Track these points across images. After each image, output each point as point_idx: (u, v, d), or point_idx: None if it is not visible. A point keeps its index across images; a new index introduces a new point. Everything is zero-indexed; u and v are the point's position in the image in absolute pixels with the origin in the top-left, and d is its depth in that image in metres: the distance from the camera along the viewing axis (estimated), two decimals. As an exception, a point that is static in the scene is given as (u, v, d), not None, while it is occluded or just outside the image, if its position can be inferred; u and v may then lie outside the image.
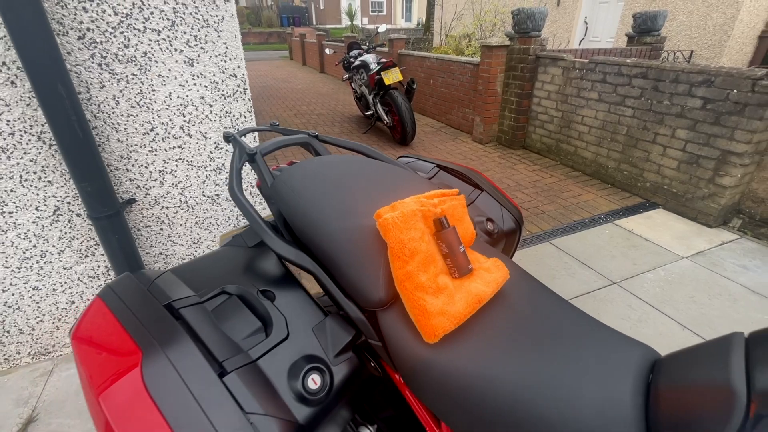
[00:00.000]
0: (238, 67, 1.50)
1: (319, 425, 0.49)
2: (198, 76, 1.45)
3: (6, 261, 1.44)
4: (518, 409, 0.44)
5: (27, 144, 1.32)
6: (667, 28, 6.03)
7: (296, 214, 0.61)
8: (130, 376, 0.42)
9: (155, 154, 1.50)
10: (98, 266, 1.59)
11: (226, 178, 1.64)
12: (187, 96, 1.46)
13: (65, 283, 1.56)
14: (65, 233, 1.49)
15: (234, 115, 1.56)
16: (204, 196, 1.64)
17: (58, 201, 1.43)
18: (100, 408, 0.41)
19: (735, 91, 2.35)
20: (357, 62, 4.79)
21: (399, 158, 1.00)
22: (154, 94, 1.41)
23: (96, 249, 1.56)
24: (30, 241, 1.45)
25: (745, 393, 0.36)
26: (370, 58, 4.61)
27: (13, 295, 1.50)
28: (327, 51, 5.57)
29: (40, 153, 1.35)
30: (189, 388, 0.43)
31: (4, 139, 1.29)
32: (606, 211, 2.87)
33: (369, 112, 4.87)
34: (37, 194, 1.40)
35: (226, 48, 1.45)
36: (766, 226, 2.51)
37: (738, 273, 2.16)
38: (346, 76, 5.33)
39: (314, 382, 0.50)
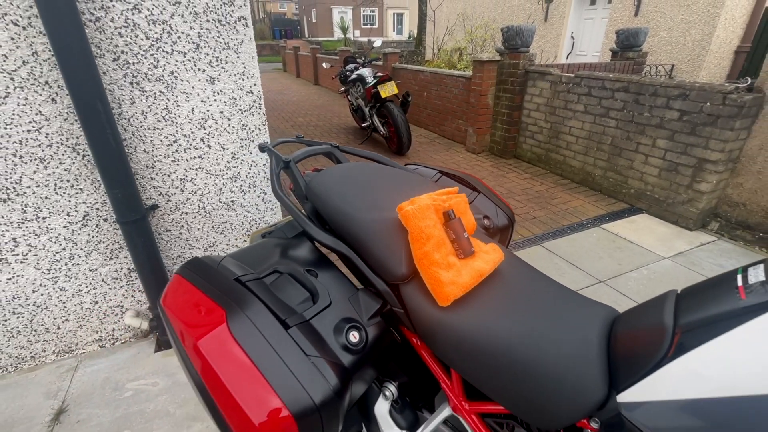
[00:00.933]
0: (255, 84, 1.64)
1: (357, 372, 0.62)
2: (218, 93, 1.58)
3: (38, 263, 1.55)
4: (512, 352, 0.58)
5: (63, 155, 1.44)
6: (649, 43, 6.35)
7: (332, 210, 0.75)
8: (219, 328, 0.55)
9: (177, 164, 1.62)
10: (121, 268, 1.70)
11: (241, 185, 1.77)
12: (208, 111, 1.59)
13: (90, 284, 1.67)
14: (92, 237, 1.60)
15: (250, 128, 1.69)
16: (220, 202, 1.76)
17: (87, 207, 1.55)
18: (199, 352, 0.54)
19: (708, 104, 2.55)
20: (354, 76, 4.98)
21: (406, 165, 1.14)
22: (178, 109, 1.55)
23: (119, 252, 1.67)
24: (60, 245, 1.56)
25: (672, 327, 0.50)
26: (366, 72, 4.80)
27: (42, 295, 1.60)
28: (324, 65, 5.76)
29: (74, 163, 1.47)
30: (264, 336, 0.56)
31: (43, 151, 1.41)
32: (593, 216, 3.04)
33: (365, 124, 5.05)
34: (69, 201, 1.51)
35: (244, 67, 1.59)
36: (741, 229, 2.69)
37: (715, 271, 2.32)
38: (343, 89, 5.52)
39: (354, 336, 0.63)
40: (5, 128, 1.34)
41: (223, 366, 0.53)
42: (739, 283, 0.48)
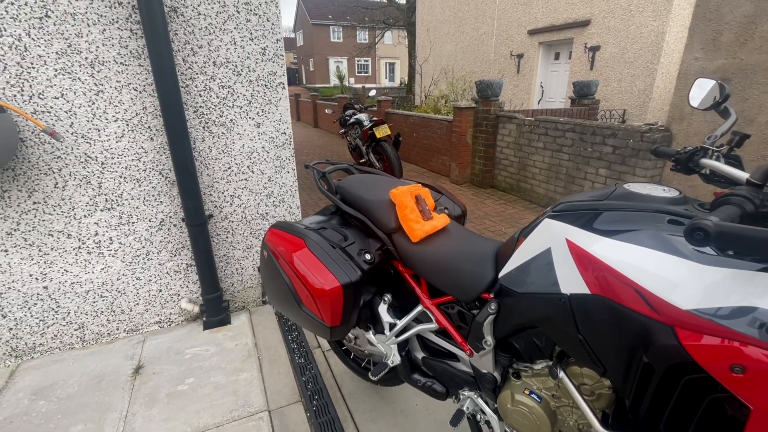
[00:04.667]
0: (287, 128, 2.28)
1: (369, 278, 1.18)
2: (262, 134, 2.21)
3: (123, 257, 2.08)
4: (450, 263, 1.14)
5: (152, 177, 2.03)
6: (604, 91, 7.33)
7: (354, 197, 1.33)
8: (303, 249, 1.11)
9: (229, 184, 2.21)
10: (181, 263, 2.23)
11: (273, 201, 2.36)
12: (253, 146, 2.21)
13: (158, 275, 2.19)
14: (164, 238, 2.15)
15: (282, 158, 2.31)
16: (258, 214, 2.34)
17: (164, 215, 2.11)
18: (293, 260, 1.10)
19: (631, 140, 3.26)
20: (352, 120, 5.75)
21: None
22: (233, 145, 2.16)
23: (182, 251, 2.21)
24: (141, 243, 2.10)
25: (517, 236, 1.08)
26: (363, 117, 5.58)
27: (123, 283, 2.12)
28: (327, 111, 6.57)
29: (159, 182, 2.05)
30: (325, 251, 1.12)
31: (140, 173, 2.00)
32: (553, 232, 3.64)
33: (362, 160, 5.75)
34: (152, 210, 2.08)
35: (281, 116, 2.24)
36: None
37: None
38: (342, 131, 6.28)
39: (368, 256, 1.19)
40: (118, 158, 1.94)
41: (307, 266, 1.10)
42: (542, 212, 1.07)
